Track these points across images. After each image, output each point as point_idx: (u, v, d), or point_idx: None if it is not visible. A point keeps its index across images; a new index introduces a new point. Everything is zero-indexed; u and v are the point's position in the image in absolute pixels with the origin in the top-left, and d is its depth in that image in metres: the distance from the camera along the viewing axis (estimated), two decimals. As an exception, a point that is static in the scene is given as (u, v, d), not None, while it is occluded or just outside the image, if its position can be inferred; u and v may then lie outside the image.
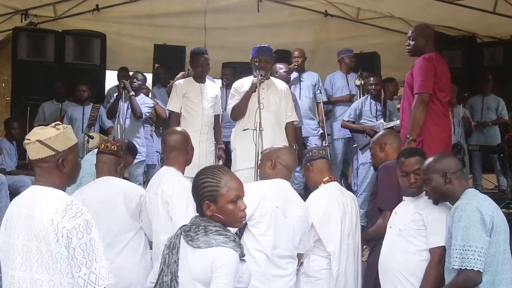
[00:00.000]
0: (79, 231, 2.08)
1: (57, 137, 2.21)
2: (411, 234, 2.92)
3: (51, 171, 2.21)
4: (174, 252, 2.29)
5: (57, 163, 2.21)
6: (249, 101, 4.71)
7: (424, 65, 4.13)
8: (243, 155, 4.59)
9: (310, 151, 3.62)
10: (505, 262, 2.59)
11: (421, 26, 4.45)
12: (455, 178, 2.74)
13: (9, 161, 6.27)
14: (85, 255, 2.08)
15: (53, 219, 2.10)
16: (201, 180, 2.31)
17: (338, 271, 3.29)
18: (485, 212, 2.56)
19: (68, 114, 6.55)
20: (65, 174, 2.24)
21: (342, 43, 7.71)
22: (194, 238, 2.25)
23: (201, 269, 2.21)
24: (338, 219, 3.33)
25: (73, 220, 2.09)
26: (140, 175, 5.92)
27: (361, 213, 4.95)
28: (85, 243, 2.08)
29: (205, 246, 2.21)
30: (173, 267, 2.27)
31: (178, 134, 3.45)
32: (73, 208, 2.12)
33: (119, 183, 3.52)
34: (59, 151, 2.20)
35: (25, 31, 7.67)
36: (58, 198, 2.17)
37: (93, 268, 2.09)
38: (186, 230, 2.31)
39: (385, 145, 3.68)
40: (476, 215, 2.54)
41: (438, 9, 7.05)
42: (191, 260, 2.25)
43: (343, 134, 6.46)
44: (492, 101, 7.15)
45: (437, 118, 4.14)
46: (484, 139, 7.04)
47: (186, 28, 8.54)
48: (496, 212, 2.63)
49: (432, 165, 2.79)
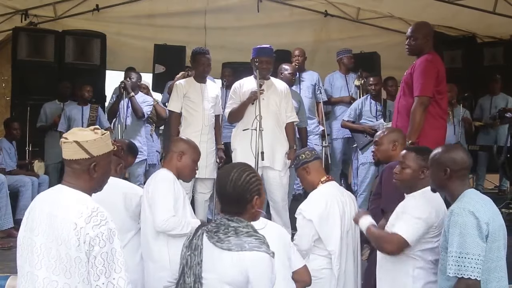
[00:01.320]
0: (101, 240, 2.06)
1: (95, 141, 2.20)
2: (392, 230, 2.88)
3: (81, 174, 2.21)
4: (196, 254, 2.26)
5: (89, 167, 2.20)
6: (246, 109, 4.73)
7: (427, 68, 4.10)
8: (243, 155, 4.59)
9: (303, 153, 3.59)
10: (498, 270, 2.50)
11: (420, 24, 4.41)
12: (456, 177, 2.62)
13: (9, 161, 6.27)
14: (105, 265, 2.06)
15: (76, 223, 2.07)
16: (248, 176, 2.33)
17: (339, 269, 3.29)
18: (481, 218, 2.46)
19: (67, 113, 6.53)
20: (95, 180, 2.24)
21: (342, 43, 7.71)
22: (224, 240, 2.23)
23: (233, 272, 2.20)
24: (337, 217, 3.33)
25: (97, 228, 2.07)
26: (141, 175, 5.92)
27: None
28: (106, 252, 2.06)
29: (237, 249, 2.20)
30: (196, 269, 2.24)
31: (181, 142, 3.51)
32: (99, 215, 2.10)
33: (119, 183, 3.51)
34: (94, 155, 2.20)
35: (25, 31, 7.66)
36: (83, 202, 2.15)
37: (111, 278, 2.06)
38: (212, 230, 2.27)
39: (398, 144, 3.55)
40: (472, 221, 2.44)
41: (438, 9, 7.05)
42: (219, 262, 2.23)
43: (343, 134, 6.46)
44: (500, 101, 7.14)
45: (433, 120, 4.13)
46: (491, 139, 7.03)
47: (186, 28, 8.54)
48: (493, 218, 2.52)
49: (436, 157, 2.69)
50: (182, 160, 3.35)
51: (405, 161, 2.99)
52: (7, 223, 5.39)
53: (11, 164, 6.29)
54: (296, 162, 3.60)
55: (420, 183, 2.95)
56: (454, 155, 2.64)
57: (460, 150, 2.70)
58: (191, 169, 3.40)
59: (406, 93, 4.26)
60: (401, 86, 4.41)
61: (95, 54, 7.90)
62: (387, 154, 3.57)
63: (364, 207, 5.20)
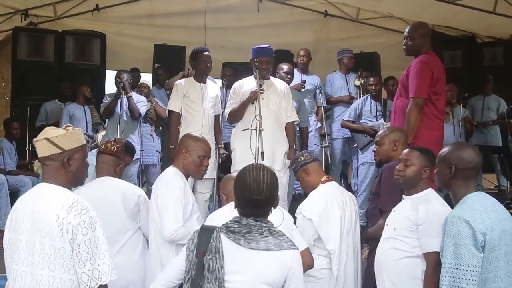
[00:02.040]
0: (84, 228, 2.14)
1: (64, 136, 2.29)
2: (404, 234, 2.86)
3: (57, 169, 2.29)
4: (217, 257, 2.20)
5: (63, 161, 2.28)
6: (246, 110, 4.73)
7: (421, 69, 4.09)
8: (243, 155, 4.59)
9: (302, 155, 3.59)
10: (495, 280, 2.35)
11: (417, 24, 4.40)
12: (461, 176, 2.50)
13: (9, 160, 6.27)
14: (89, 251, 2.14)
15: (58, 214, 2.15)
16: (275, 177, 2.38)
17: (338, 269, 3.29)
18: (477, 227, 2.31)
19: (69, 113, 6.52)
20: (71, 173, 2.31)
21: (342, 43, 7.70)
22: (260, 240, 2.22)
23: (273, 271, 2.21)
24: (337, 217, 3.33)
25: (78, 217, 2.15)
26: (135, 175, 5.90)
27: (361, 213, 4.96)
28: (89, 240, 2.14)
29: (277, 249, 2.22)
30: (219, 273, 2.19)
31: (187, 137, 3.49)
32: (79, 205, 2.18)
33: (118, 183, 3.52)
34: (65, 149, 2.28)
35: (25, 31, 7.67)
36: (63, 195, 2.23)
37: (96, 265, 2.15)
38: (239, 232, 2.23)
39: (399, 144, 3.55)
40: (467, 231, 2.30)
41: (438, 9, 7.05)
42: (255, 263, 2.20)
43: (342, 134, 6.45)
44: (493, 101, 7.15)
45: (428, 120, 4.13)
46: (484, 139, 7.04)
47: (186, 28, 8.55)
48: (494, 226, 2.36)
49: (443, 154, 2.60)
50: (187, 157, 3.32)
51: (410, 159, 2.99)
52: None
53: (11, 164, 6.30)
54: (295, 165, 3.59)
55: (421, 182, 2.96)
56: (462, 153, 2.53)
57: (469, 149, 2.58)
58: (196, 165, 3.32)
59: (402, 94, 4.28)
60: (398, 87, 4.43)
61: (95, 54, 7.92)
62: (388, 155, 3.57)
63: (364, 207, 5.21)
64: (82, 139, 2.37)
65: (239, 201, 2.33)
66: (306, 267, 3.11)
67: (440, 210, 2.80)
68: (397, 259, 2.87)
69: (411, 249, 2.82)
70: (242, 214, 2.31)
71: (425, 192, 2.96)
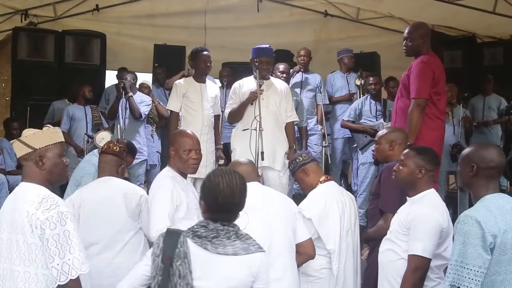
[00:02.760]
0: (52, 222, 2.17)
1: (33, 135, 2.35)
2: (397, 236, 2.87)
3: (31, 168, 2.34)
4: (186, 262, 2.17)
5: (35, 160, 2.32)
6: (246, 110, 4.72)
7: (422, 70, 4.10)
8: (243, 155, 4.57)
9: (300, 156, 3.58)
10: (505, 283, 2.30)
11: (416, 25, 4.40)
12: (483, 175, 2.44)
13: (9, 160, 6.28)
14: (58, 246, 2.16)
15: (28, 210, 2.20)
16: (244, 180, 2.31)
17: (338, 269, 3.29)
18: (489, 229, 2.27)
19: (69, 114, 6.51)
20: (45, 171, 2.34)
21: (342, 43, 7.70)
22: (227, 245, 2.20)
23: (241, 275, 2.22)
24: (337, 217, 3.34)
25: (47, 212, 2.18)
26: (142, 175, 5.92)
27: (361, 213, 4.97)
28: (58, 234, 2.17)
29: (244, 253, 2.22)
30: (189, 278, 2.16)
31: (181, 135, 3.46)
32: (49, 200, 2.22)
33: (120, 183, 3.52)
34: (36, 148, 2.33)
35: (25, 31, 7.66)
36: (36, 191, 2.28)
37: (66, 259, 2.17)
38: (206, 237, 2.20)
39: (395, 144, 3.56)
40: (477, 231, 2.28)
41: (438, 9, 7.05)
42: (222, 267, 2.19)
43: (343, 133, 6.46)
44: (493, 101, 7.13)
45: (429, 121, 4.13)
46: (485, 139, 7.03)
47: (186, 28, 8.55)
48: (508, 229, 2.30)
49: (465, 153, 2.54)
50: (175, 154, 3.26)
51: (404, 159, 3.00)
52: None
53: (11, 164, 6.30)
54: (293, 166, 3.58)
55: (419, 183, 2.95)
56: (484, 152, 2.48)
57: (492, 148, 2.53)
58: (183, 160, 3.23)
59: (403, 95, 4.28)
60: (399, 87, 4.42)
61: (95, 54, 7.91)
62: (384, 154, 3.58)
63: (364, 207, 5.22)
64: (57, 137, 2.40)
65: (210, 206, 2.27)
66: (307, 257, 3.15)
67: (426, 213, 2.80)
68: (394, 260, 2.88)
69: (403, 252, 2.82)
70: (211, 219, 2.27)
71: (424, 193, 2.93)
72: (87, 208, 3.34)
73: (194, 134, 3.42)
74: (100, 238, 3.29)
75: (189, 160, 3.24)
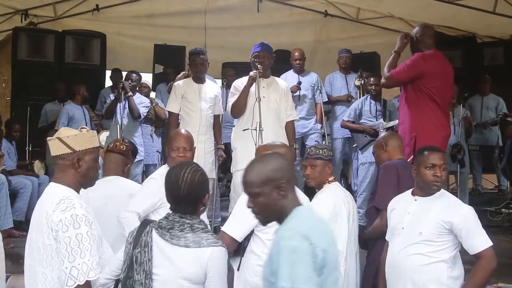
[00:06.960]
0: (64, 225, 2.14)
1: (75, 137, 2.32)
2: (432, 238, 2.85)
3: (67, 168, 2.32)
4: (146, 250, 2.29)
5: (73, 161, 2.31)
6: (248, 96, 4.71)
7: (415, 61, 4.24)
8: (244, 155, 4.58)
9: (328, 149, 3.46)
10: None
11: (425, 26, 4.56)
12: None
13: (9, 160, 6.27)
14: (68, 249, 2.12)
15: (47, 211, 2.20)
16: (200, 176, 2.37)
17: (346, 270, 3.28)
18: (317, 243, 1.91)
19: (69, 114, 6.51)
20: (80, 174, 2.33)
21: (342, 43, 7.69)
22: (180, 237, 2.28)
23: (192, 268, 2.26)
24: (345, 217, 3.32)
25: (61, 214, 2.16)
26: (139, 175, 5.91)
27: (361, 213, 4.97)
28: (69, 237, 2.13)
29: (195, 246, 2.27)
30: (147, 266, 2.27)
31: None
32: (66, 202, 2.19)
33: (126, 183, 3.55)
34: (76, 150, 2.31)
35: (25, 31, 7.67)
36: (58, 193, 2.25)
37: (76, 263, 2.12)
38: (165, 227, 2.31)
39: (386, 145, 3.69)
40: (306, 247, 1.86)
41: (438, 9, 7.05)
42: (175, 258, 2.28)
43: (343, 134, 6.45)
44: (491, 101, 7.15)
45: (434, 117, 4.19)
46: (484, 139, 7.04)
47: (186, 28, 8.55)
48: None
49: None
50: (168, 154, 3.41)
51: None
52: (7, 223, 5.38)
53: (11, 164, 6.29)
54: (326, 154, 3.42)
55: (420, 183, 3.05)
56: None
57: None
58: (172, 158, 3.35)
59: (406, 90, 4.36)
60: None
61: (95, 54, 7.92)
62: (381, 158, 3.72)
63: (364, 207, 5.20)
64: (95, 141, 2.40)
65: (166, 197, 2.41)
66: None
67: (470, 209, 2.91)
68: (427, 264, 2.85)
69: (438, 253, 2.84)
70: (171, 209, 2.38)
71: (441, 192, 2.99)
72: (92, 206, 3.34)
73: (187, 133, 3.52)
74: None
75: (176, 158, 3.35)
